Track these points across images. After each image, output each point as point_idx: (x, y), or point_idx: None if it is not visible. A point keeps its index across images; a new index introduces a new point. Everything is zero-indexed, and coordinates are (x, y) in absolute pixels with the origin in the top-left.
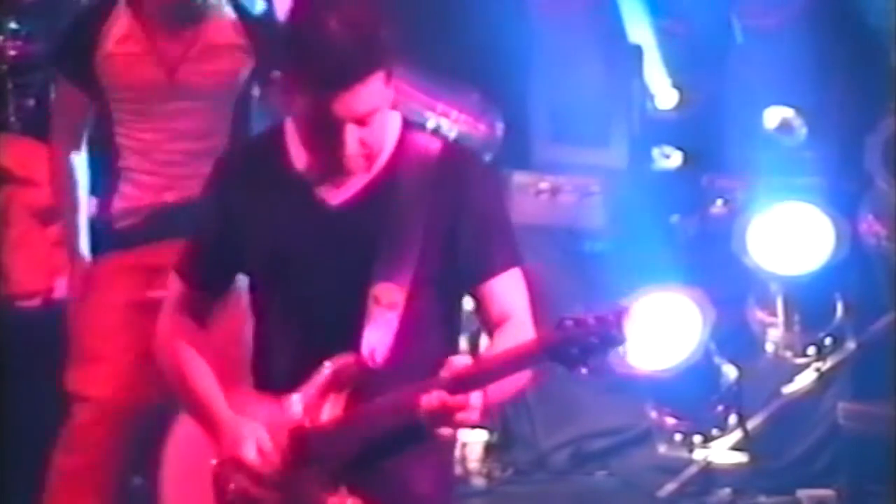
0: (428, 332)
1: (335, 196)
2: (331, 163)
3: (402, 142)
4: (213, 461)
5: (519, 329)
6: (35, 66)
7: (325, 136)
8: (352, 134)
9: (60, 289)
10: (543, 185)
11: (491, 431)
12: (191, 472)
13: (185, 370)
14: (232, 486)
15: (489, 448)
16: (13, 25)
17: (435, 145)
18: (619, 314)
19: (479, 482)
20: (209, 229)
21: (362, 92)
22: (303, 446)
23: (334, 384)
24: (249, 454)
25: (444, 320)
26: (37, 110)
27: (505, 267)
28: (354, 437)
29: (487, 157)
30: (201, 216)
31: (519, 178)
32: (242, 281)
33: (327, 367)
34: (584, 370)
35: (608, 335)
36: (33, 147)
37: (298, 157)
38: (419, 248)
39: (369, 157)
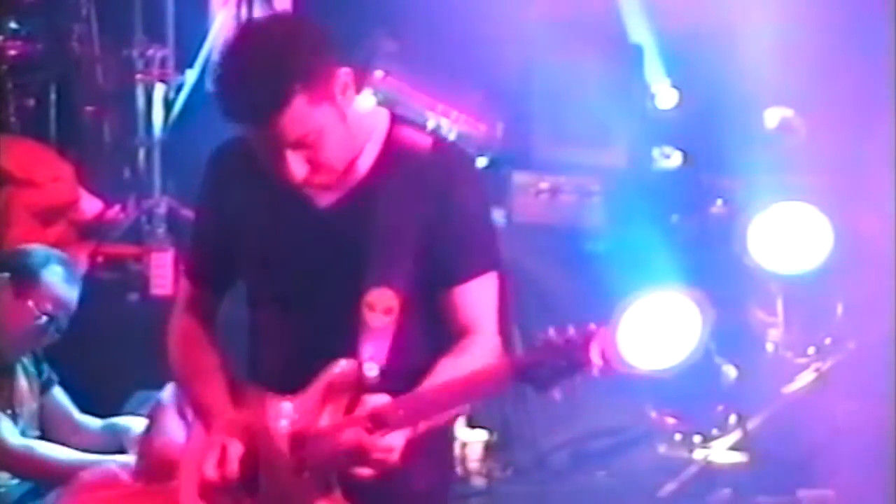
0: (426, 335)
1: (324, 198)
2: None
3: (389, 140)
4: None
5: (481, 347)
6: (35, 66)
7: (272, 159)
8: (294, 159)
9: None
10: (543, 185)
11: (491, 431)
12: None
13: (189, 377)
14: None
15: (489, 448)
16: (13, 25)
17: (424, 142)
18: (588, 337)
19: (479, 482)
20: (206, 229)
21: (284, 119)
22: (300, 451)
23: (334, 390)
24: (208, 470)
25: (442, 322)
26: (37, 110)
27: (478, 272)
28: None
29: (487, 157)
30: (198, 215)
31: (519, 178)
32: None
33: (327, 374)
34: (554, 393)
35: (576, 358)
36: (33, 147)
37: None
38: (411, 250)
39: (330, 172)
